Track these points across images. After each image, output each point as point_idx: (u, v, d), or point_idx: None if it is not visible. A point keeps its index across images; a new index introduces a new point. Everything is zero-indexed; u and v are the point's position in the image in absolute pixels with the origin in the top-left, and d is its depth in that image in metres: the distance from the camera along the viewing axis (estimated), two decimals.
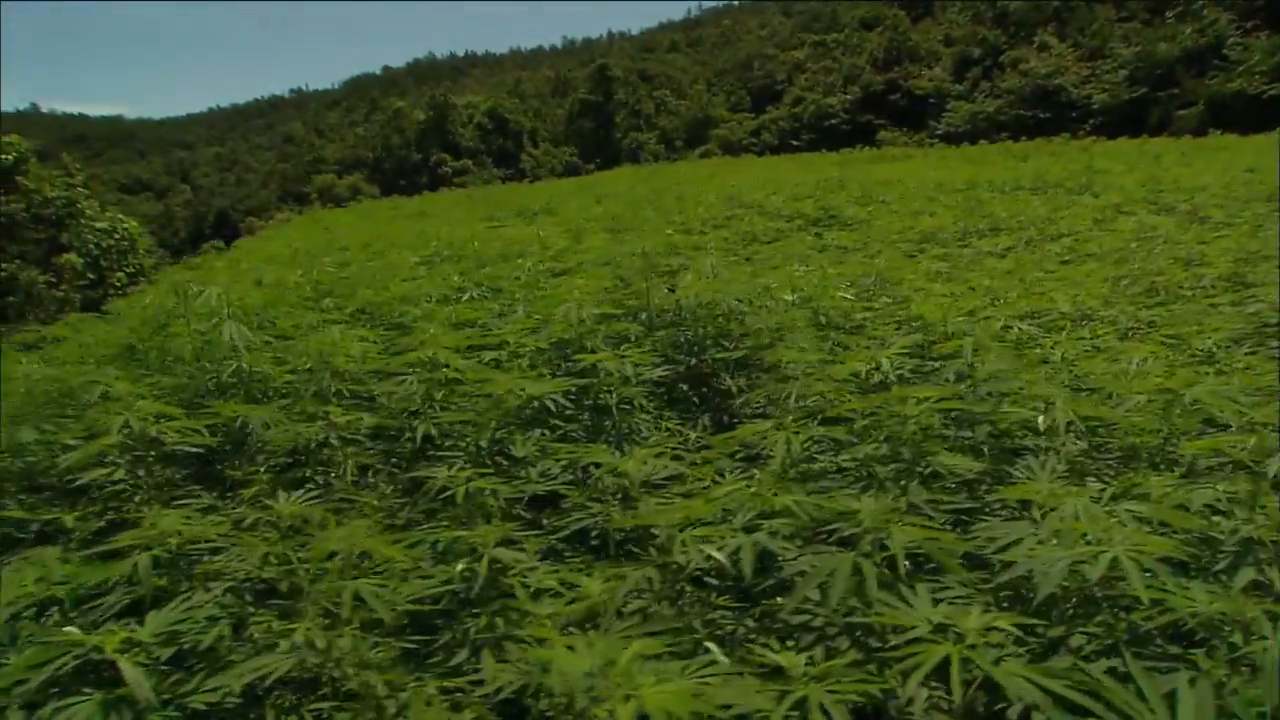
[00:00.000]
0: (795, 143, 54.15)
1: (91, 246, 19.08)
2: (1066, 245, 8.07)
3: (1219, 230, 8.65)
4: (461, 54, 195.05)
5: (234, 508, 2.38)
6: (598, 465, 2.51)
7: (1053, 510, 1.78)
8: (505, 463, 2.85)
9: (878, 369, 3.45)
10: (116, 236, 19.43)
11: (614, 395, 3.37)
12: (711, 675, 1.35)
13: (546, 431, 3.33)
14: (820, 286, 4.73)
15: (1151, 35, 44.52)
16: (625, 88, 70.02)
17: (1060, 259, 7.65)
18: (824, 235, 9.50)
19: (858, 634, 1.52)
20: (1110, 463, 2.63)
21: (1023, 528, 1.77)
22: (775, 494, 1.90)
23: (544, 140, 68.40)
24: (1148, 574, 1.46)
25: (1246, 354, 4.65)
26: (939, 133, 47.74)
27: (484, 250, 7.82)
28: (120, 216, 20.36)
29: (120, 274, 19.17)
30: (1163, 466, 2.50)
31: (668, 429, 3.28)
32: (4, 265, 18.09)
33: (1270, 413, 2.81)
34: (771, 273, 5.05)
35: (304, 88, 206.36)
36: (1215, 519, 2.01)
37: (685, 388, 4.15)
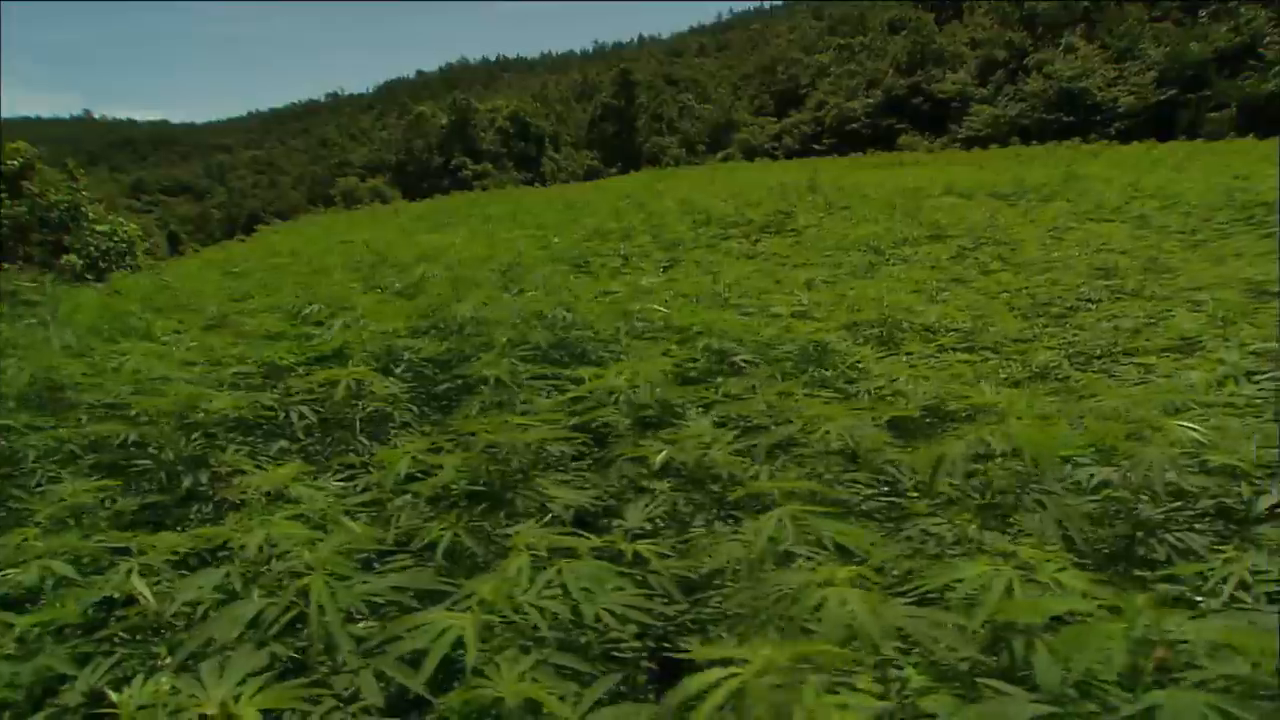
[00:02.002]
0: (817, 147, 53.43)
1: (92, 249, 19.60)
2: (994, 254, 7.83)
3: (1168, 239, 8.35)
4: (493, 58, 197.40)
5: None
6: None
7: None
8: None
9: (635, 387, 3.36)
10: (116, 239, 19.93)
11: (360, 409, 3.32)
12: None
13: (287, 444, 3.30)
14: (655, 294, 4.62)
15: (1183, 35, 43.14)
16: (648, 92, 70.01)
17: (982, 268, 7.42)
18: (760, 243, 9.35)
19: None
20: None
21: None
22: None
23: (566, 144, 68.72)
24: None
25: (1092, 371, 4.44)
26: (960, 137, 46.81)
27: (400, 258, 7.83)
28: (121, 220, 20.87)
29: (119, 275, 19.68)
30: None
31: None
32: (7, 266, 18.67)
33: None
34: (613, 282, 4.96)
35: (340, 92, 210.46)
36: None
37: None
